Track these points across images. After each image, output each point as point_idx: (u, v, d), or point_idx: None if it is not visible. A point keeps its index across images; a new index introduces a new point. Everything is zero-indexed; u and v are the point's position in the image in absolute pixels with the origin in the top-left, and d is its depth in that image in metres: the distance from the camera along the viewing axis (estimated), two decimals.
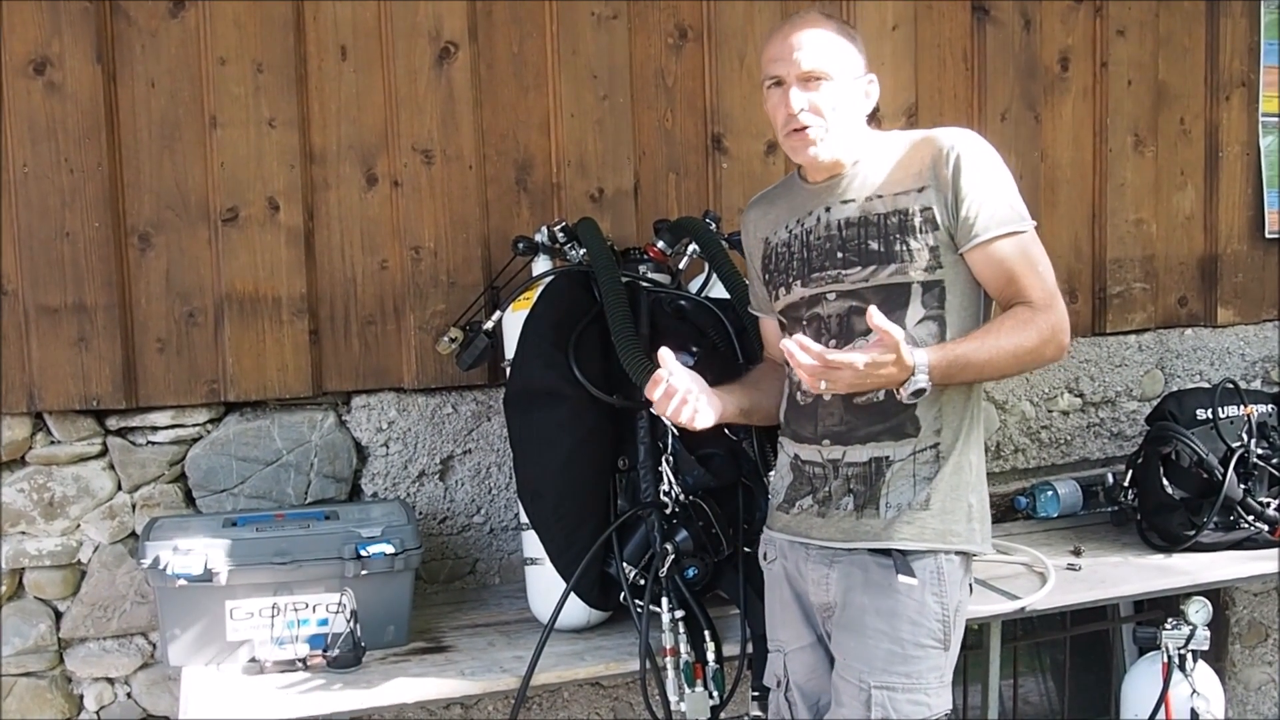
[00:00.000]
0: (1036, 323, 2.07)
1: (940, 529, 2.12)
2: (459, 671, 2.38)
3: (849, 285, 2.14)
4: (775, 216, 2.30)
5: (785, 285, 2.24)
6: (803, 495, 2.22)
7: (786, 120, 2.13)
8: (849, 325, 2.14)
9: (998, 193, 2.10)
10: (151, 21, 2.67)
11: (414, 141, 2.85)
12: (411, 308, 2.87)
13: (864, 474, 2.14)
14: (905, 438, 2.12)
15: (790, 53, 2.11)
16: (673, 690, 2.38)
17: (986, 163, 2.11)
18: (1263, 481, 3.00)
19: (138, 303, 2.70)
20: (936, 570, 2.11)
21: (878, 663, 2.09)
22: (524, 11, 2.92)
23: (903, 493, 2.12)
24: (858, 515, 2.14)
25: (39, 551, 2.70)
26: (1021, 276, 2.10)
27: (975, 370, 2.06)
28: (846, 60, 2.14)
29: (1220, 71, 3.59)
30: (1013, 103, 3.36)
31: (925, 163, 2.11)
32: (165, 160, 2.70)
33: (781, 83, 2.13)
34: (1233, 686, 3.64)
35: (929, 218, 2.09)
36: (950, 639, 2.13)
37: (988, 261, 2.10)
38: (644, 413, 2.49)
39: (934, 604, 2.11)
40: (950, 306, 2.12)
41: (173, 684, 2.71)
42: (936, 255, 2.10)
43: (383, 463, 2.92)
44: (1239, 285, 3.67)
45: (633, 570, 2.47)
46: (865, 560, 2.13)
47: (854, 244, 2.14)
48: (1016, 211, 2.12)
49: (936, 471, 2.12)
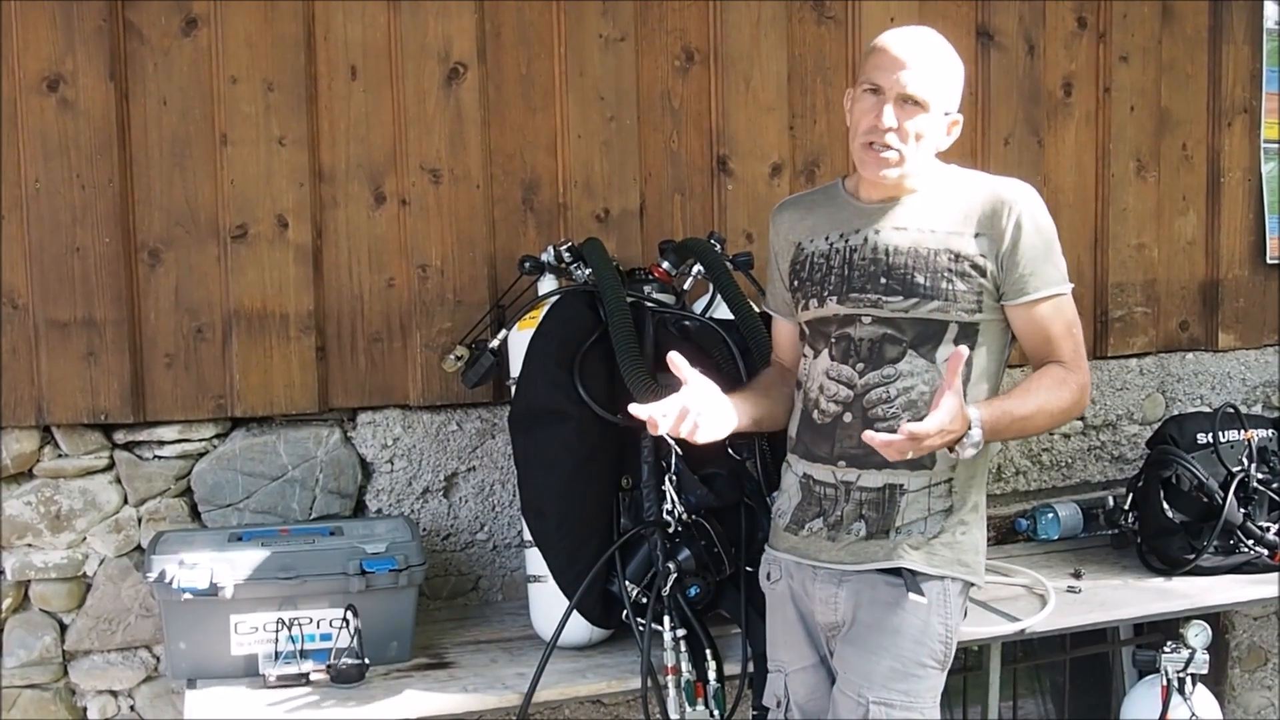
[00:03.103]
0: (1069, 383, 2.14)
1: (950, 557, 2.16)
2: (461, 688, 2.39)
3: (887, 313, 2.14)
4: (813, 224, 2.28)
5: (818, 298, 2.22)
6: (812, 517, 2.22)
7: (869, 131, 2.11)
8: (880, 352, 2.15)
9: (1049, 255, 2.15)
10: (164, 40, 2.69)
11: (422, 161, 2.88)
12: (418, 325, 2.89)
13: (877, 500, 2.15)
14: (921, 469, 2.14)
15: (898, 68, 2.08)
16: (674, 708, 2.39)
17: (1044, 224, 2.15)
18: (1263, 506, 3.01)
19: (146, 318, 2.72)
20: (943, 593, 2.15)
21: (878, 678, 2.11)
22: (532, 33, 2.95)
23: (915, 523, 2.15)
24: (868, 540, 2.16)
25: (45, 564, 2.71)
26: (1058, 337, 2.16)
27: (1019, 427, 2.13)
28: (947, 94, 2.14)
29: (1222, 98, 3.61)
30: (1016, 127, 3.38)
31: (985, 210, 2.13)
32: (176, 177, 2.72)
33: (878, 91, 2.10)
34: (1232, 710, 3.64)
35: (979, 265, 2.12)
36: (948, 662, 2.18)
37: (1029, 319, 2.16)
38: (647, 432, 2.50)
39: (938, 625, 2.14)
40: (979, 350, 2.16)
41: (176, 697, 2.72)
42: (979, 301, 2.13)
43: (387, 479, 2.93)
44: (1240, 310, 3.69)
45: (635, 589, 2.48)
46: (874, 579, 2.15)
47: (899, 273, 2.14)
48: (1061, 273, 2.17)
49: (949, 507, 2.16)
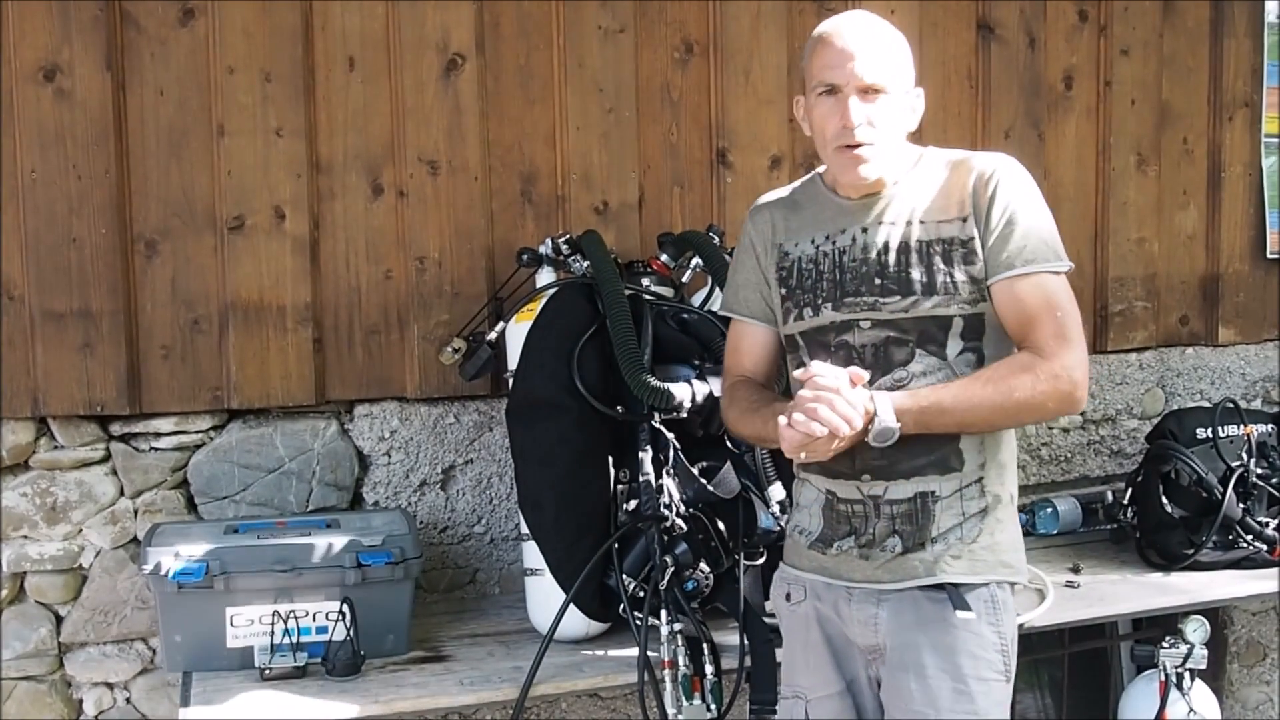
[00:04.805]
0: (1035, 371, 1.92)
1: (992, 560, 2.02)
2: (458, 681, 2.38)
3: (887, 315, 2.01)
4: (798, 225, 2.14)
5: (813, 306, 2.08)
6: (842, 536, 2.08)
7: (840, 133, 1.98)
8: (886, 356, 2.01)
9: (1034, 228, 1.97)
10: (161, 30, 2.68)
11: (420, 152, 2.87)
12: (415, 318, 2.88)
13: (909, 512, 2.02)
14: (950, 472, 2.01)
15: (848, 60, 1.96)
16: (670, 702, 2.38)
17: (1025, 195, 1.99)
18: (1262, 501, 3.00)
19: (143, 309, 2.71)
20: (990, 599, 2.02)
21: (943, 703, 1.97)
22: (531, 24, 2.94)
23: (951, 530, 2.01)
24: (905, 555, 2.02)
25: (41, 556, 2.70)
26: (1036, 318, 1.95)
27: (954, 420, 1.94)
28: (902, 72, 2.01)
29: (1223, 92, 3.60)
30: (1017, 121, 3.37)
31: (966, 190, 2.00)
32: (173, 168, 2.71)
33: (835, 90, 1.97)
34: (1230, 705, 3.63)
35: (972, 248, 1.98)
36: (1011, 669, 2.03)
37: (1009, 298, 1.96)
38: (645, 425, 2.50)
39: (991, 634, 2.01)
40: (988, 339, 2.01)
41: (172, 690, 2.71)
42: (979, 288, 1.99)
43: (384, 471, 2.92)
44: (1240, 305, 3.68)
45: (632, 582, 2.47)
46: (916, 596, 2.01)
47: (894, 271, 2.00)
48: (1050, 249, 1.98)
49: (984, 508, 2.03)
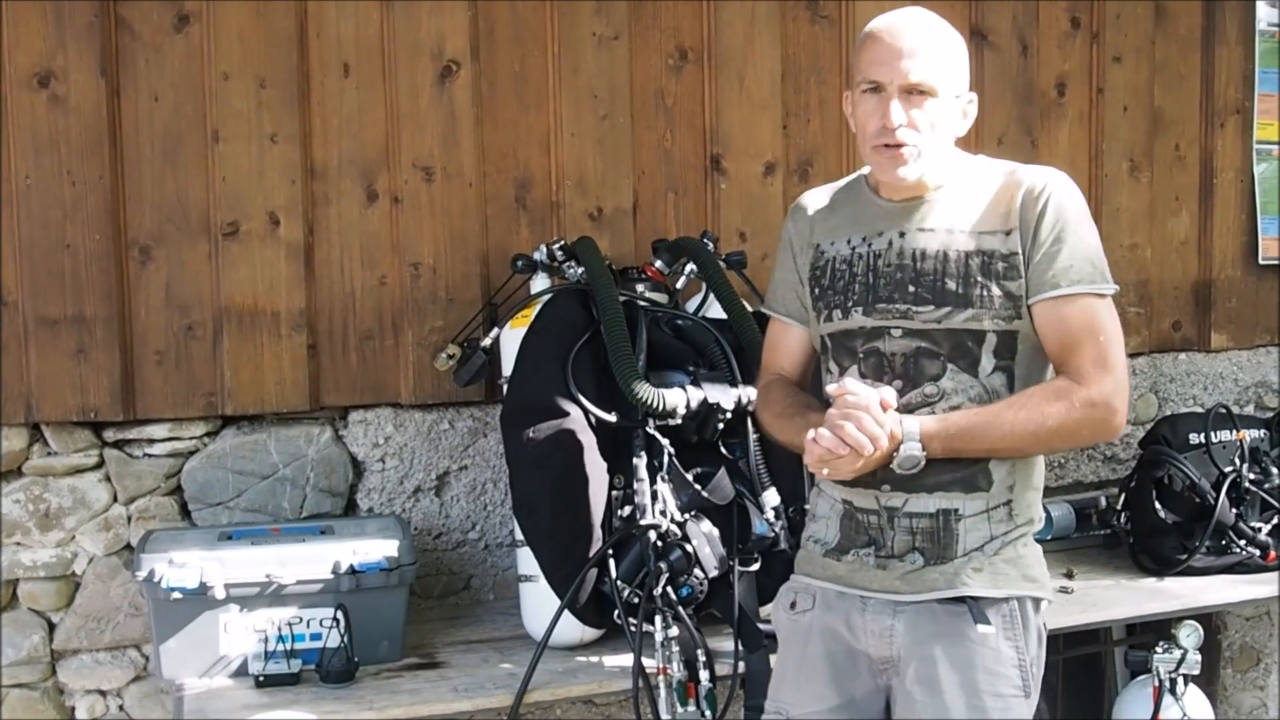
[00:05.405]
0: (1070, 399, 1.88)
1: (1016, 575, 1.97)
2: (452, 688, 2.38)
3: (919, 324, 1.96)
4: (835, 224, 2.09)
5: (842, 309, 2.03)
6: (859, 545, 2.03)
7: (879, 132, 1.93)
8: (918, 367, 1.96)
9: (1080, 245, 1.93)
10: (156, 36, 2.68)
11: (415, 158, 2.87)
12: (410, 324, 2.88)
13: (931, 529, 1.96)
14: (977, 491, 1.96)
15: (897, 58, 1.90)
16: (665, 709, 2.37)
17: (1075, 213, 1.95)
18: (1254, 506, 3.01)
19: (137, 315, 2.71)
20: (1010, 614, 1.96)
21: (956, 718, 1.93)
22: (526, 31, 2.94)
23: (976, 550, 1.96)
24: (925, 568, 1.98)
25: (34, 563, 2.70)
26: (1079, 343, 1.90)
27: (984, 446, 1.91)
28: (955, 75, 1.96)
29: (1216, 98, 3.61)
30: (1009, 127, 3.38)
31: (1014, 202, 1.95)
32: (167, 174, 2.71)
33: (880, 89, 1.92)
34: (1224, 710, 3.64)
35: (1014, 264, 1.93)
36: (1031, 686, 1.97)
37: (1053, 320, 1.92)
38: (639, 431, 2.50)
39: (1009, 650, 1.95)
40: (1020, 359, 1.96)
41: (165, 697, 2.71)
42: (1016, 305, 1.93)
43: (379, 478, 2.92)
44: (1233, 310, 3.69)
45: (627, 588, 2.47)
46: (934, 608, 1.96)
47: (929, 280, 1.95)
48: (1098, 271, 1.95)
49: (1012, 529, 1.97)
